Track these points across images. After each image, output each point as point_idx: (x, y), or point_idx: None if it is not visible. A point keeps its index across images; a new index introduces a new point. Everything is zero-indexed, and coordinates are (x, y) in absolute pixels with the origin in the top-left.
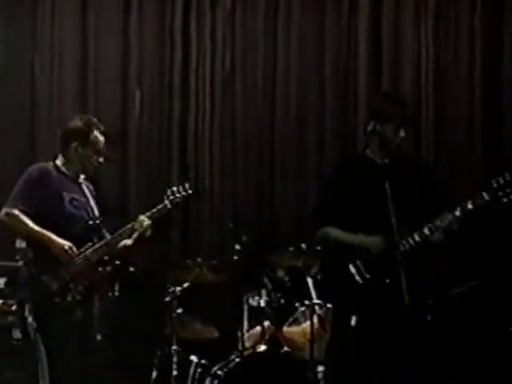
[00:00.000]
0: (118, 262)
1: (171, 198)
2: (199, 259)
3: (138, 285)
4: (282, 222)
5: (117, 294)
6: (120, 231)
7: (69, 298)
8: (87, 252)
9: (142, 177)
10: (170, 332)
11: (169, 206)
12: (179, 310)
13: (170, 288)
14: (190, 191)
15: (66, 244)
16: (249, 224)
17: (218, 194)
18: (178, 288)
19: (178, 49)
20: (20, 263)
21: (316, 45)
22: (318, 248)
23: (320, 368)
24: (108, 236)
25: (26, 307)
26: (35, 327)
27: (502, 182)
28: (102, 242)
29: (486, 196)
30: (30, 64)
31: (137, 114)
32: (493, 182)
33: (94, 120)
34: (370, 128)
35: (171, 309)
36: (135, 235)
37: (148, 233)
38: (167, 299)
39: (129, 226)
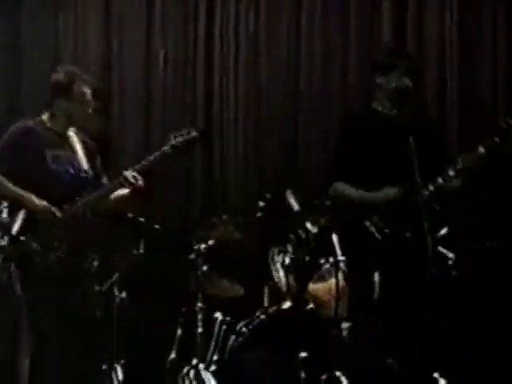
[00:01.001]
0: (141, 219)
1: (172, 142)
2: (224, 216)
3: (162, 242)
4: (307, 180)
5: (142, 251)
6: (110, 184)
7: (51, 258)
8: (73, 208)
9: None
10: (195, 289)
11: (168, 150)
12: (204, 267)
13: (194, 245)
14: (195, 133)
15: (42, 204)
16: (273, 182)
17: (242, 151)
18: (203, 245)
19: (202, 17)
20: None
21: (339, 33)
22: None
23: (345, 325)
24: (105, 186)
25: (11, 266)
26: (19, 286)
27: (510, 122)
28: (92, 195)
29: (496, 138)
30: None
31: (160, 74)
32: (501, 123)
33: (77, 70)
34: (374, 80)
35: (196, 266)
36: (123, 190)
37: (135, 184)
38: (192, 256)
39: (116, 180)
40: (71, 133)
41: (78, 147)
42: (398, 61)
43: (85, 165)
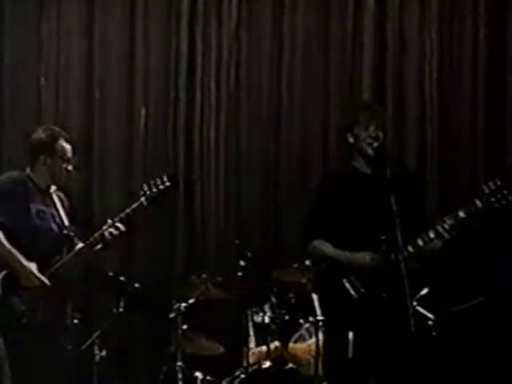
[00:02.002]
0: (122, 278)
1: (148, 193)
2: (204, 275)
3: (142, 301)
4: (287, 239)
5: (121, 310)
6: (91, 238)
7: (38, 317)
8: (57, 266)
9: None
10: (175, 348)
11: (144, 203)
12: (184, 326)
13: (174, 304)
14: (168, 183)
15: (30, 267)
16: (254, 239)
17: (223, 210)
18: (183, 304)
19: (183, 65)
20: None
21: (320, 63)
22: (319, 264)
23: None
24: (79, 245)
25: None
26: (3, 347)
27: (493, 187)
28: (73, 253)
29: (478, 203)
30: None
31: (142, 129)
32: (484, 187)
33: (58, 129)
34: (348, 141)
35: (176, 325)
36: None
37: (109, 240)
38: (172, 315)
39: (99, 231)
40: (52, 190)
41: (59, 204)
42: (360, 114)
43: (66, 222)
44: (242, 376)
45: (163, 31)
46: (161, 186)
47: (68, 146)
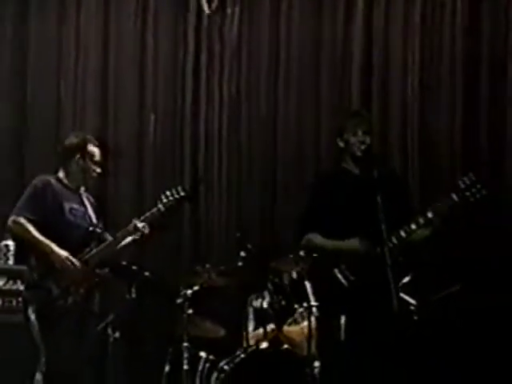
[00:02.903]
0: (134, 267)
1: (164, 201)
2: (208, 265)
3: (152, 288)
4: (283, 233)
5: (133, 295)
6: (118, 234)
7: (70, 301)
8: (86, 257)
9: (157, 190)
10: (181, 330)
11: (162, 209)
12: (190, 311)
13: (181, 291)
14: (183, 193)
15: (63, 254)
16: (253, 234)
17: (226, 206)
18: (189, 291)
19: (189, 73)
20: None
21: (312, 74)
22: (313, 255)
23: (316, 363)
24: (109, 239)
25: (30, 308)
26: (37, 327)
27: (467, 182)
28: (103, 245)
29: (454, 197)
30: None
31: (152, 132)
32: (459, 182)
33: (88, 136)
34: (338, 145)
35: (182, 310)
36: (131, 237)
37: (143, 232)
38: (179, 301)
39: (125, 229)
40: (82, 192)
41: (88, 204)
42: (349, 121)
43: (94, 219)
44: (242, 356)
45: (171, 43)
46: (176, 196)
47: (97, 150)
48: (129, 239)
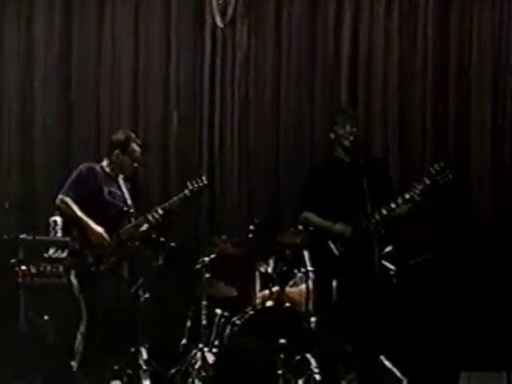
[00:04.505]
0: (162, 239)
1: (190, 187)
2: (223, 236)
3: (176, 256)
4: (285, 211)
5: (161, 262)
6: (144, 217)
7: (102, 268)
8: (120, 231)
9: (180, 178)
10: (200, 291)
11: (188, 194)
12: (207, 275)
13: (200, 258)
14: (206, 182)
15: (99, 230)
16: (260, 211)
17: (237, 189)
18: (207, 258)
19: (206, 79)
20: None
21: (308, 82)
22: (309, 229)
23: (312, 319)
24: (139, 219)
25: (72, 273)
26: (78, 289)
27: (437, 168)
28: (131, 224)
29: (427, 181)
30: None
31: (175, 129)
32: (431, 168)
33: (133, 135)
34: (331, 138)
35: (201, 274)
36: (147, 224)
37: (155, 221)
38: (198, 266)
39: (154, 211)
40: (120, 179)
41: (125, 189)
42: (337, 117)
43: (129, 202)
44: (251, 312)
45: (191, 54)
46: (200, 184)
47: (138, 149)
48: (145, 226)
